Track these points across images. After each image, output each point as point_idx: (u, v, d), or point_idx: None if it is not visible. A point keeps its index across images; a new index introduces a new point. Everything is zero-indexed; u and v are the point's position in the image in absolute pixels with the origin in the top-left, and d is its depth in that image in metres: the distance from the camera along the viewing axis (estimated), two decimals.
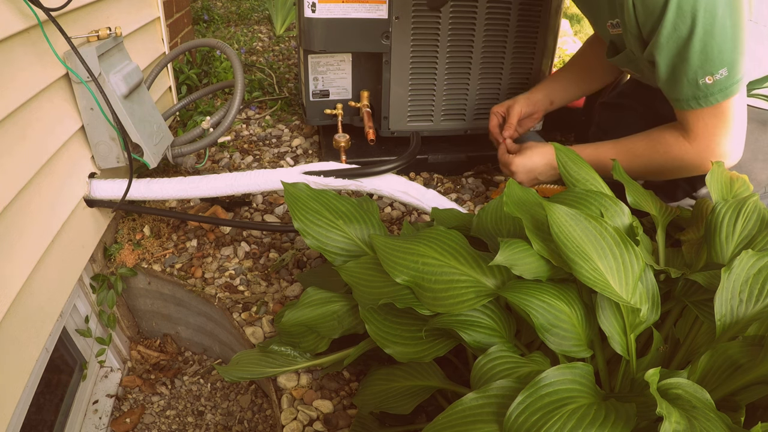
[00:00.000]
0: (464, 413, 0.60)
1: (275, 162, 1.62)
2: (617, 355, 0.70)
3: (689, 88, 0.91)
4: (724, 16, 0.84)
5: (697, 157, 0.97)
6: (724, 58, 0.86)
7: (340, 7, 1.31)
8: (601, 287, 0.64)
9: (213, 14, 3.22)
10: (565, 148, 0.92)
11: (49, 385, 1.13)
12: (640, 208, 0.90)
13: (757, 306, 0.68)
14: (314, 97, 1.54)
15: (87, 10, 1.12)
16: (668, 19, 0.85)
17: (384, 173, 1.18)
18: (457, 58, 1.43)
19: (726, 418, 0.56)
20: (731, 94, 0.90)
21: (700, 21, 0.84)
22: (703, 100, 0.90)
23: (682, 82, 0.91)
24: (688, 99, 0.92)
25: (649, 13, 0.88)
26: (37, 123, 0.96)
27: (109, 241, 1.30)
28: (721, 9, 0.84)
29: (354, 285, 0.82)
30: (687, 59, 0.88)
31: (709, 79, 0.87)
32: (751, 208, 0.82)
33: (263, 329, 1.11)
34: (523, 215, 0.74)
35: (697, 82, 0.89)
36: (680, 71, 0.90)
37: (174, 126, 1.70)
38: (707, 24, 0.84)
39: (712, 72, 0.87)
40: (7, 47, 0.87)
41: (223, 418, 1.28)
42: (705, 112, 0.92)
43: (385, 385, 0.84)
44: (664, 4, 0.84)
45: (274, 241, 1.33)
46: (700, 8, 0.83)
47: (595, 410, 0.57)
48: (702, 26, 0.84)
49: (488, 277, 0.74)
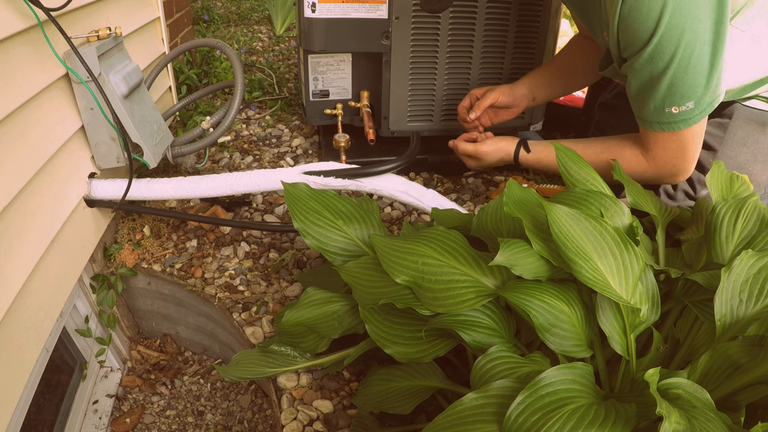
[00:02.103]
0: (464, 413, 0.60)
1: (275, 162, 1.62)
2: (617, 355, 0.70)
3: (655, 113, 0.94)
4: (701, 54, 0.86)
5: (654, 174, 1.03)
6: (692, 93, 0.89)
7: (340, 7, 1.31)
8: (601, 287, 0.64)
9: (213, 14, 3.22)
10: (565, 147, 0.92)
11: (49, 385, 1.13)
12: (639, 208, 0.91)
13: (757, 306, 0.68)
14: (314, 97, 1.54)
15: (87, 10, 1.12)
16: (647, 52, 0.87)
17: (384, 173, 1.18)
18: (457, 58, 1.43)
19: (726, 418, 0.56)
20: (693, 124, 0.93)
21: (676, 59, 0.86)
22: (666, 126, 0.94)
23: (648, 106, 0.94)
24: (652, 122, 0.96)
25: (630, 42, 0.90)
26: (37, 123, 0.96)
27: (109, 241, 1.30)
28: (700, 48, 0.86)
29: (354, 285, 0.82)
30: (657, 88, 0.91)
31: (675, 109, 0.91)
32: (751, 208, 0.82)
33: (263, 329, 1.11)
34: (523, 215, 0.74)
35: (664, 109, 0.92)
36: (648, 96, 0.93)
37: (174, 126, 1.70)
38: (683, 62, 0.87)
39: (679, 104, 0.90)
40: (7, 47, 0.87)
41: (223, 418, 1.28)
42: (666, 136, 0.96)
43: (385, 385, 0.84)
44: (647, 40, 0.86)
45: (274, 241, 1.33)
46: (681, 47, 0.85)
47: (595, 410, 0.57)
48: (677, 64, 0.87)
49: (488, 277, 0.74)
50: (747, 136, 1.09)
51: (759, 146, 1.10)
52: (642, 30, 0.86)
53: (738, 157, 1.11)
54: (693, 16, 0.83)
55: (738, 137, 1.10)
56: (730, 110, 1.10)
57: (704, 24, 0.84)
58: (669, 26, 0.83)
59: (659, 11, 0.83)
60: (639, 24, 0.86)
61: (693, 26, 0.84)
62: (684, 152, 0.98)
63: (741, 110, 1.08)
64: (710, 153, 1.14)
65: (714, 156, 1.14)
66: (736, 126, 1.09)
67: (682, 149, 0.98)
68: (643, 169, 1.03)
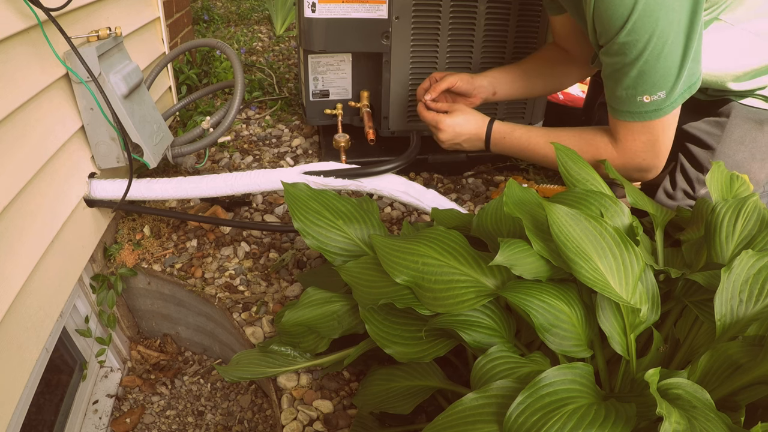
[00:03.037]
0: (464, 413, 0.60)
1: (275, 162, 1.62)
2: (617, 355, 0.70)
3: (626, 102, 0.93)
4: (675, 43, 0.85)
5: (621, 166, 1.01)
6: (664, 82, 0.88)
7: (340, 7, 1.31)
8: (601, 287, 0.64)
9: (213, 14, 3.22)
10: (565, 147, 0.92)
11: (49, 385, 1.13)
12: (639, 208, 0.91)
13: (757, 306, 0.67)
14: (314, 97, 1.54)
15: (87, 10, 1.12)
16: (620, 38, 0.86)
17: (384, 173, 1.18)
18: (457, 58, 1.43)
19: (726, 418, 0.56)
20: (664, 115, 0.92)
21: (649, 47, 0.85)
22: (637, 115, 0.93)
23: (620, 94, 0.93)
24: (623, 111, 0.95)
25: (605, 28, 0.89)
26: (37, 123, 0.96)
27: (109, 241, 1.30)
28: (674, 37, 0.85)
29: (354, 285, 0.82)
30: (628, 75, 0.90)
31: (647, 98, 0.90)
32: (751, 208, 0.82)
33: (263, 329, 1.11)
34: (523, 215, 0.74)
35: (635, 98, 0.91)
36: (620, 84, 0.92)
37: (174, 126, 1.70)
38: (656, 50, 0.86)
39: (650, 93, 0.89)
40: (7, 47, 0.87)
41: (223, 418, 1.28)
42: (636, 126, 0.95)
43: (385, 385, 0.84)
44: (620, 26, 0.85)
45: (274, 241, 1.33)
46: (654, 35, 0.84)
47: (595, 410, 0.57)
48: (650, 52, 0.86)
49: (488, 277, 0.74)
50: (745, 135, 1.09)
51: (757, 144, 1.10)
52: (616, 16, 0.85)
53: (736, 156, 1.12)
54: (668, 4, 0.82)
55: (736, 136, 1.10)
56: (728, 109, 1.10)
57: (679, 14, 0.83)
58: (643, 13, 0.82)
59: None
60: (613, 10, 0.85)
61: (667, 15, 0.83)
62: (654, 145, 0.97)
63: (739, 109, 1.08)
64: (708, 152, 1.14)
65: (712, 155, 1.14)
66: (734, 124, 1.09)
67: (652, 142, 0.97)
68: (612, 158, 1.01)
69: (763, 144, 1.09)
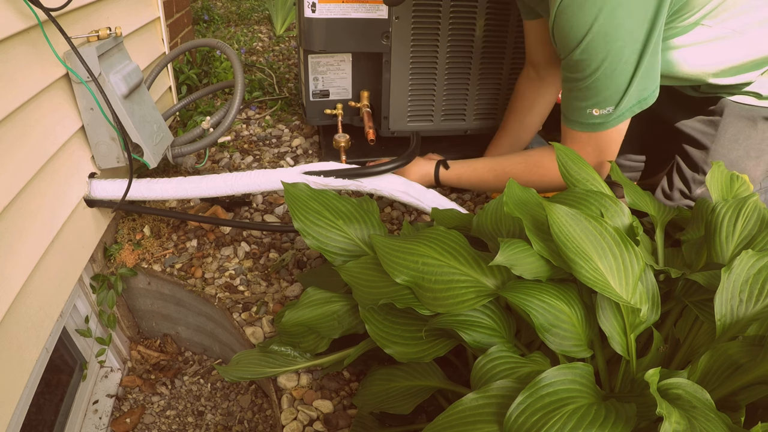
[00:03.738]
0: (464, 413, 0.60)
1: (275, 162, 1.62)
2: (617, 355, 0.70)
3: (578, 113, 0.98)
4: (627, 63, 0.88)
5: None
6: (612, 99, 0.92)
7: (340, 7, 1.31)
8: (601, 287, 0.64)
9: (213, 14, 3.22)
10: (565, 147, 0.92)
11: (49, 385, 1.13)
12: (638, 208, 0.91)
13: (757, 306, 0.68)
14: (314, 97, 1.54)
15: (87, 10, 1.12)
16: (575, 56, 0.90)
17: (384, 173, 1.18)
18: (457, 58, 1.43)
19: (726, 418, 0.56)
20: (610, 128, 0.97)
21: (602, 68, 0.89)
22: (586, 126, 0.98)
23: (573, 105, 0.98)
24: (573, 120, 1.00)
25: (562, 45, 0.92)
26: (37, 123, 0.96)
27: (109, 241, 1.30)
28: (627, 56, 0.88)
29: (354, 285, 0.82)
30: (581, 90, 0.94)
31: (596, 111, 0.95)
32: (751, 208, 0.82)
33: (263, 329, 1.11)
34: (523, 215, 0.74)
35: (585, 110, 0.96)
36: (573, 96, 0.97)
37: (174, 126, 1.70)
38: (608, 70, 0.89)
39: (599, 107, 0.94)
40: (7, 47, 0.87)
41: (223, 418, 1.28)
42: (584, 137, 1.01)
43: (385, 385, 0.84)
44: (576, 45, 0.89)
45: (274, 241, 1.33)
46: (608, 58, 0.87)
47: (595, 410, 0.57)
48: (602, 71, 0.90)
49: (488, 277, 0.74)
50: (738, 133, 1.10)
51: (751, 142, 1.10)
52: (572, 35, 0.88)
53: (731, 155, 1.12)
54: (624, 27, 0.85)
55: (729, 134, 1.10)
56: (720, 107, 1.10)
57: (635, 35, 0.86)
58: (598, 35, 0.85)
59: (592, 18, 0.85)
60: (569, 29, 0.88)
61: (623, 37, 0.85)
62: (599, 155, 1.02)
63: (731, 107, 1.09)
64: (703, 152, 1.15)
65: (707, 154, 1.14)
66: (728, 123, 1.10)
67: (597, 152, 1.02)
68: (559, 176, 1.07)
69: (756, 141, 1.10)
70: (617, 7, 0.84)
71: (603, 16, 0.84)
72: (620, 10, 0.84)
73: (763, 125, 1.08)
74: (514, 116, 1.42)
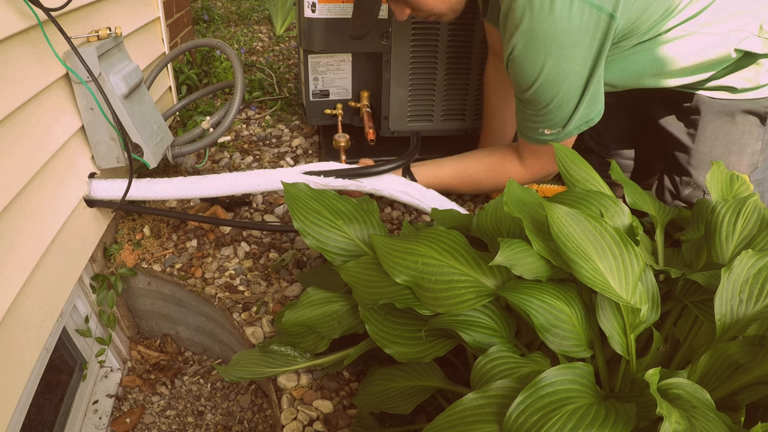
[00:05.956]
0: (464, 413, 0.60)
1: (275, 162, 1.62)
2: (617, 355, 0.70)
3: (531, 131, 1.09)
4: (573, 97, 0.99)
5: (529, 178, 1.21)
6: (562, 122, 1.04)
7: (340, 7, 1.31)
8: (601, 287, 0.64)
9: (213, 14, 3.22)
10: (565, 147, 0.92)
11: (49, 385, 1.13)
12: (638, 208, 0.91)
13: (757, 306, 0.68)
14: (314, 97, 1.54)
15: (87, 10, 1.12)
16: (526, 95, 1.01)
17: (384, 173, 1.18)
18: (457, 58, 1.43)
19: (726, 418, 0.56)
20: (561, 141, 1.08)
21: (551, 105, 1.00)
22: (540, 141, 1.11)
23: (527, 123, 1.09)
24: (528, 136, 1.12)
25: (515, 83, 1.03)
26: (37, 123, 0.96)
27: (109, 241, 1.30)
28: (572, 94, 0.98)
29: (354, 285, 0.82)
30: (533, 116, 1.06)
31: (548, 131, 1.07)
32: (751, 208, 0.82)
33: (263, 329, 1.11)
34: (523, 215, 0.74)
35: (538, 129, 1.08)
36: (527, 118, 1.08)
37: (174, 126, 1.70)
38: (555, 105, 1.00)
39: (550, 128, 1.06)
40: (7, 47, 0.87)
41: (223, 418, 1.28)
42: (539, 148, 1.13)
43: (385, 385, 0.84)
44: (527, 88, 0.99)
45: (274, 241, 1.33)
46: (556, 98, 0.98)
47: (595, 410, 0.57)
48: (551, 107, 1.00)
49: (488, 277, 0.74)
50: (718, 130, 1.10)
51: (731, 137, 1.10)
52: (523, 79, 0.98)
53: (713, 152, 1.12)
54: (568, 73, 0.95)
55: (709, 132, 1.10)
56: (696, 104, 1.10)
57: (578, 77, 0.96)
58: (546, 81, 0.96)
59: (538, 69, 0.94)
60: (520, 74, 0.98)
61: (569, 81, 0.96)
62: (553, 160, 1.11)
63: (708, 104, 1.08)
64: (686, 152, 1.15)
65: (689, 154, 1.14)
66: (707, 121, 1.10)
67: (551, 158, 1.14)
68: (520, 174, 1.20)
69: (737, 135, 1.10)
70: (561, 59, 0.93)
71: (548, 67, 0.94)
72: (563, 60, 0.93)
73: (741, 119, 1.08)
74: (491, 112, 1.44)
